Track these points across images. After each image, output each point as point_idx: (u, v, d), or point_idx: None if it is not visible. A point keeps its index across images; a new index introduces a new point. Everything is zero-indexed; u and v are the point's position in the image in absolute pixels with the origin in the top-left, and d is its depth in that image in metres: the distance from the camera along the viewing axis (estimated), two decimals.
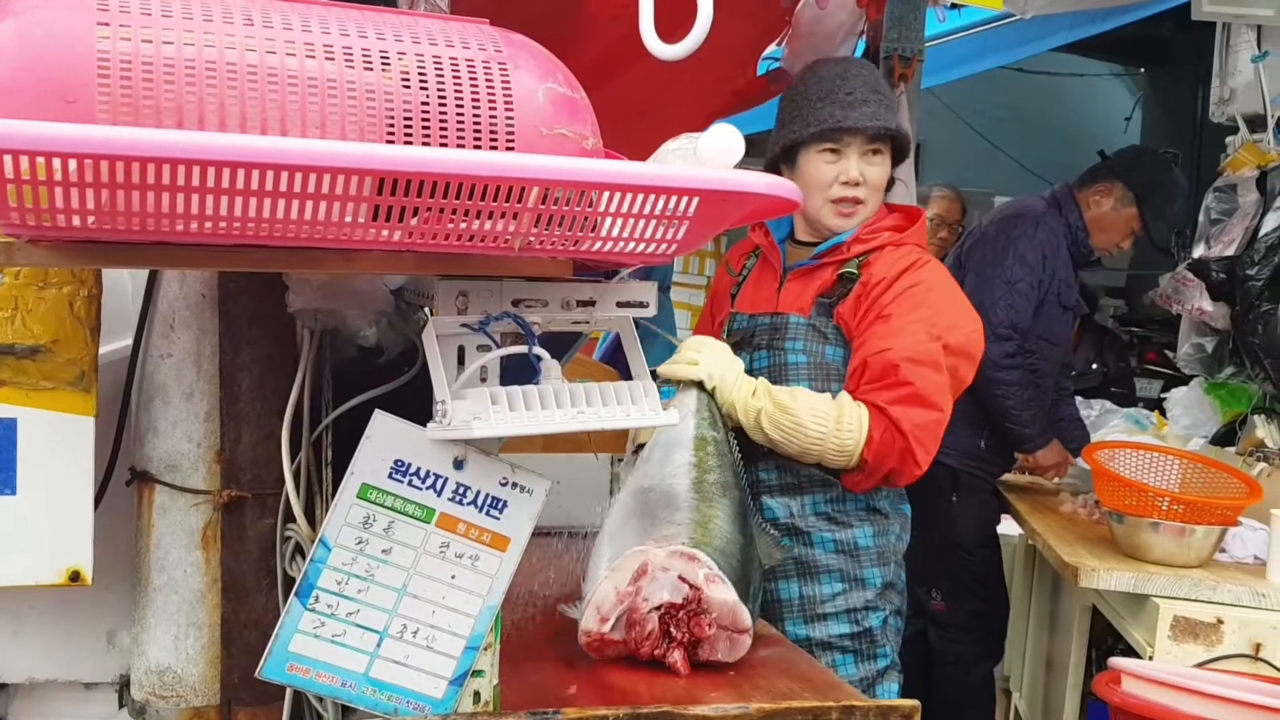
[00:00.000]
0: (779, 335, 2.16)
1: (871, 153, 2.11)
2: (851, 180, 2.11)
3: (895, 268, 2.07)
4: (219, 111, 0.93)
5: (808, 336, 2.13)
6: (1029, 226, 3.33)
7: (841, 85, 2.14)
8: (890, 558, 2.12)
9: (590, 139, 1.12)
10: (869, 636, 2.09)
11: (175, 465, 1.50)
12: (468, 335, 1.27)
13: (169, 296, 1.51)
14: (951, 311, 2.06)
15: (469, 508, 1.27)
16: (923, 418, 1.93)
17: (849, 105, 2.10)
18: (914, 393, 1.93)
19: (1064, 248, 3.35)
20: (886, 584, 2.11)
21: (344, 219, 0.98)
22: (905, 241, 2.13)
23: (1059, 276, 3.31)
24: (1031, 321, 3.30)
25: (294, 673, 1.23)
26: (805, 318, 2.15)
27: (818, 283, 2.16)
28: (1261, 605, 2.30)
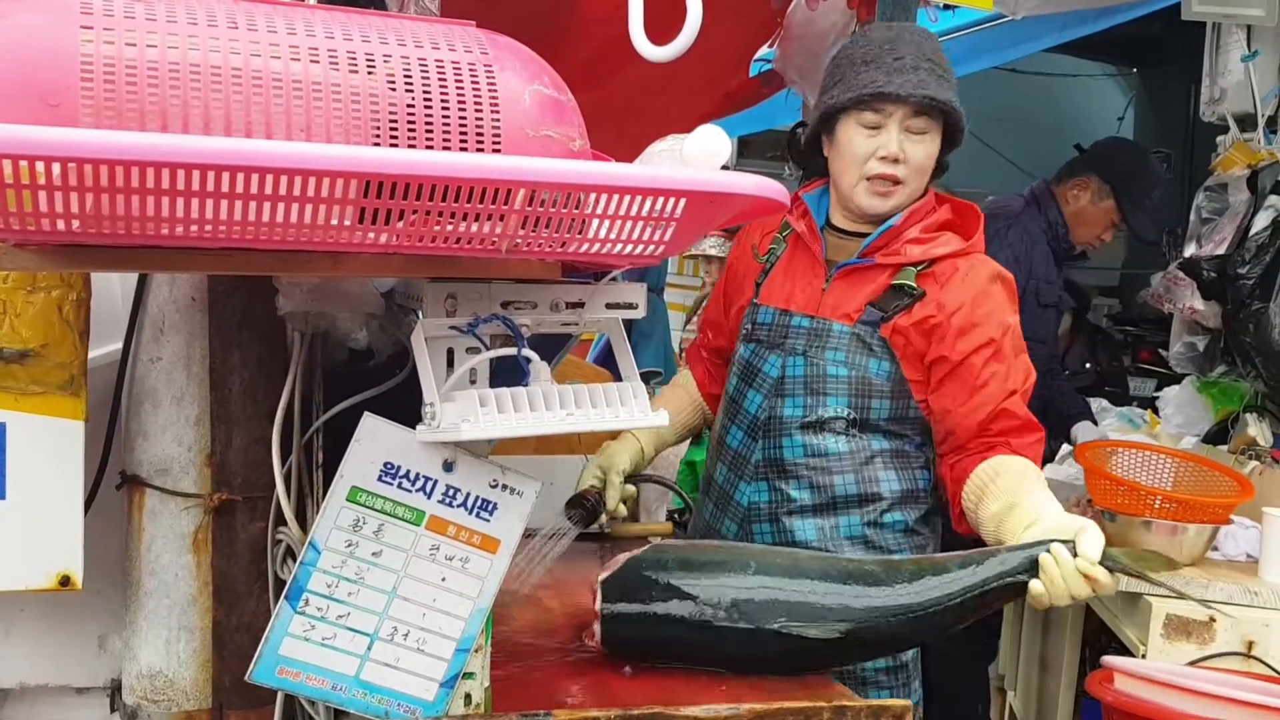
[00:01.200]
0: (819, 342, 1.97)
1: (917, 129, 1.89)
2: (890, 155, 1.89)
3: (975, 290, 1.92)
4: (203, 115, 0.93)
5: (851, 348, 1.95)
6: (1001, 227, 3.32)
7: (891, 50, 1.90)
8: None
9: (577, 140, 1.12)
10: (904, 672, 1.99)
11: (166, 469, 1.50)
12: (457, 337, 1.27)
13: (159, 300, 1.51)
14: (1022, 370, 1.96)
15: (459, 510, 1.27)
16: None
17: (894, 71, 1.87)
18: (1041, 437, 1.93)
19: (1042, 245, 3.34)
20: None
21: (330, 222, 0.98)
22: (971, 250, 1.96)
23: (1037, 275, 3.29)
24: None
25: (284, 676, 1.23)
26: (850, 326, 1.95)
27: (869, 287, 1.96)
28: (1254, 603, 2.30)
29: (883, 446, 1.99)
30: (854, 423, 1.97)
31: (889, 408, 1.97)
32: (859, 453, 1.98)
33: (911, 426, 2.01)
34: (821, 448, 1.98)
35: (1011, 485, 1.80)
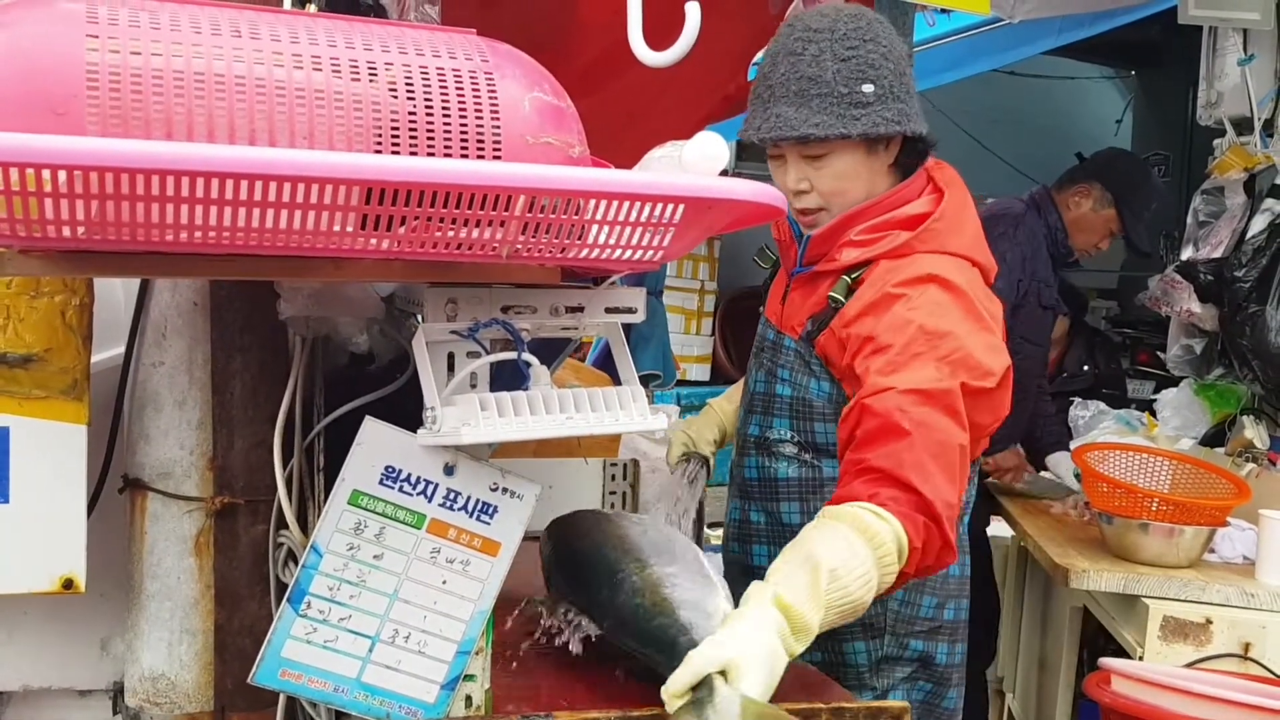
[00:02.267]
0: (776, 357, 1.88)
1: (812, 157, 1.73)
2: (791, 191, 1.76)
3: (882, 292, 1.67)
4: (207, 122, 0.95)
5: (795, 365, 1.83)
6: (1009, 227, 3.34)
7: (766, 77, 1.75)
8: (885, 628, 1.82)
9: (577, 147, 1.13)
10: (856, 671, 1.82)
11: (168, 472, 1.51)
12: (457, 342, 1.28)
13: (161, 305, 1.52)
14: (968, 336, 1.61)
15: (460, 513, 1.28)
16: (952, 494, 1.48)
17: (763, 107, 1.74)
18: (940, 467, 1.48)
19: (1043, 248, 3.37)
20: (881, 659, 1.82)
21: (332, 228, 0.99)
22: (911, 250, 1.70)
23: (1038, 277, 3.32)
24: (1010, 321, 3.30)
25: (286, 678, 1.24)
26: (796, 342, 1.83)
27: (813, 300, 1.81)
28: (1250, 605, 2.32)
29: (835, 474, 1.66)
30: (804, 446, 1.82)
31: (835, 432, 1.71)
32: (809, 480, 1.83)
33: None
34: (771, 471, 1.87)
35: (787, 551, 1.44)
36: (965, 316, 1.65)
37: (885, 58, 1.72)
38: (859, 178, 1.75)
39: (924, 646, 1.83)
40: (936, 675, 1.85)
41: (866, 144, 1.73)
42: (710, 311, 8.11)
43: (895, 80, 1.72)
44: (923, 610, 1.83)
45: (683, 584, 1.43)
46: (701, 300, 8.05)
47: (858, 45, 1.71)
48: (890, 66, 1.72)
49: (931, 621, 1.83)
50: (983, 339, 1.64)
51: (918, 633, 1.83)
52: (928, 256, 1.70)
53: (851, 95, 1.69)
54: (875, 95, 1.70)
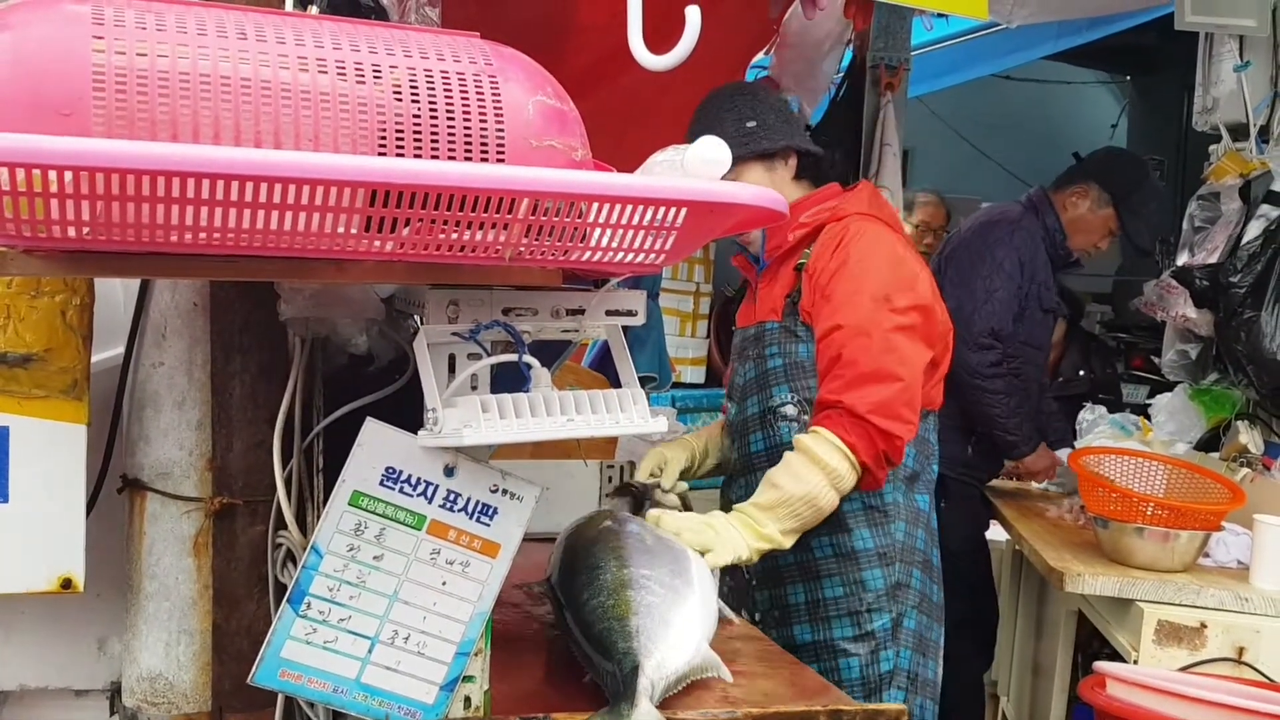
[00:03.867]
0: (760, 343, 2.19)
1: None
2: None
3: (829, 247, 2.06)
4: (213, 124, 0.95)
5: (782, 339, 2.15)
6: (1006, 233, 3.35)
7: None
8: (895, 557, 2.09)
9: (579, 150, 1.14)
10: (871, 640, 2.06)
11: (167, 473, 1.51)
12: (458, 344, 1.29)
13: (161, 305, 1.52)
14: (893, 273, 2.02)
15: (460, 514, 1.28)
16: (879, 394, 1.89)
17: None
18: (861, 373, 1.91)
19: (1042, 251, 3.37)
20: (894, 585, 2.08)
21: (335, 230, 0.99)
22: (844, 213, 2.11)
23: (1038, 280, 3.32)
24: (1014, 328, 3.31)
25: (286, 679, 1.24)
26: (779, 321, 2.16)
27: (782, 283, 2.17)
28: (1245, 609, 2.32)
29: None
30: (803, 407, 2.10)
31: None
32: None
33: None
34: (777, 438, 2.13)
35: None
36: (890, 258, 2.04)
37: (761, 103, 2.21)
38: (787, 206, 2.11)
39: (921, 578, 2.13)
40: (929, 608, 2.14)
41: (763, 162, 2.16)
42: (705, 314, 8.10)
43: (772, 116, 2.20)
44: (919, 543, 2.14)
45: (654, 588, 1.48)
46: (697, 303, 8.05)
47: (735, 98, 2.23)
48: (766, 109, 2.20)
49: (924, 554, 2.14)
50: (904, 273, 2.03)
51: (917, 563, 2.12)
52: (857, 216, 2.11)
53: (738, 130, 2.15)
54: (758, 126, 2.16)
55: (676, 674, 1.37)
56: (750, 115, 2.17)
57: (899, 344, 1.94)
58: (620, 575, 1.51)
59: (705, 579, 1.59)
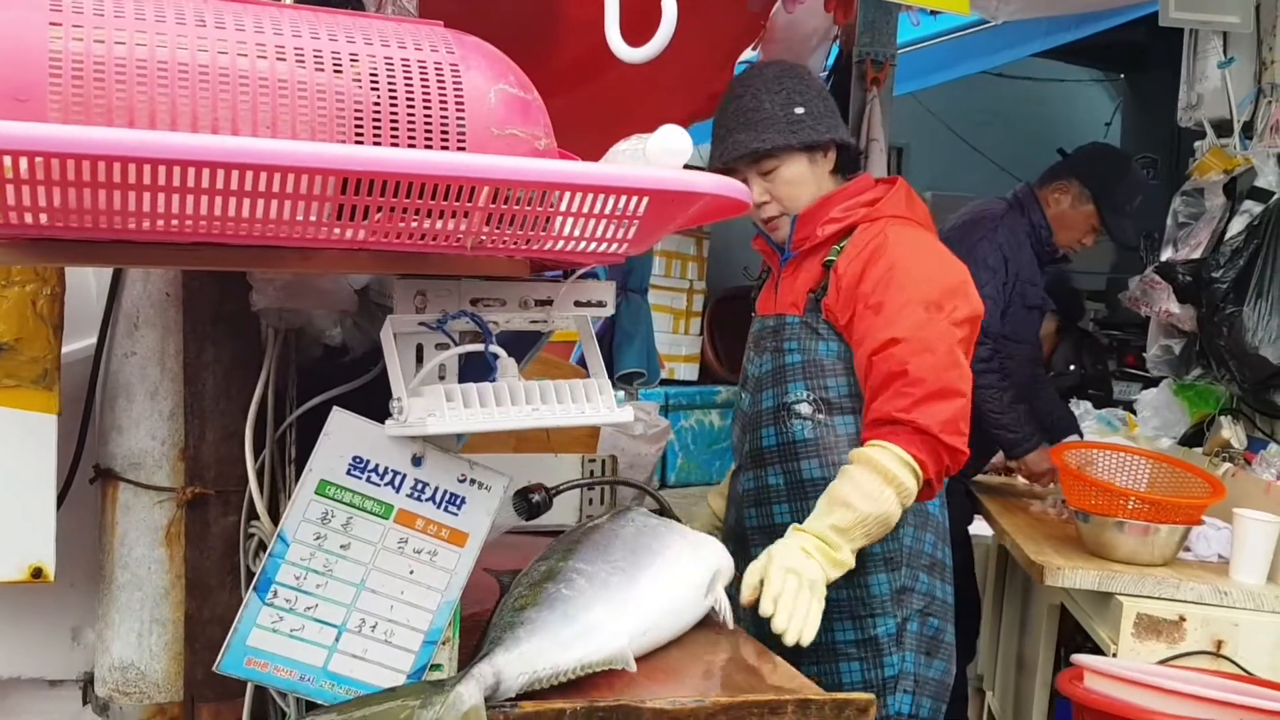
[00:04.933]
0: (779, 336, 2.15)
1: (765, 171, 2.08)
2: (756, 204, 2.10)
3: (864, 251, 2.01)
4: (170, 111, 0.95)
5: (802, 335, 2.11)
6: (989, 229, 3.34)
7: (719, 118, 2.15)
8: (901, 562, 2.05)
9: (543, 139, 1.14)
10: (874, 645, 2.03)
11: (139, 463, 1.51)
12: (426, 334, 1.29)
13: (133, 295, 1.52)
14: (945, 281, 1.98)
15: (427, 504, 1.29)
16: (947, 411, 1.87)
17: (721, 141, 2.11)
18: (930, 391, 1.87)
19: (1027, 247, 3.36)
20: (899, 589, 2.05)
21: (295, 217, 0.99)
22: (879, 215, 2.06)
23: (1022, 277, 3.31)
24: (999, 324, 3.30)
25: (252, 667, 1.24)
26: (800, 315, 2.12)
27: (806, 277, 2.12)
28: (1223, 603, 2.33)
29: (850, 431, 2.05)
30: (818, 406, 2.07)
31: (846, 385, 2.05)
32: (825, 438, 2.06)
33: None
34: (790, 434, 2.10)
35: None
36: (940, 263, 2.02)
37: (809, 88, 2.12)
38: (807, 182, 2.10)
39: (928, 580, 2.10)
40: (938, 609, 2.11)
41: (808, 153, 2.09)
42: (699, 311, 8.11)
43: (820, 103, 2.11)
44: (926, 546, 2.10)
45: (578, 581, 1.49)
46: (690, 300, 8.05)
47: (784, 80, 2.11)
48: (813, 94, 2.12)
49: (931, 556, 2.11)
50: (956, 280, 2.00)
51: (923, 566, 2.09)
52: (894, 220, 2.06)
53: (787, 116, 2.07)
54: (806, 114, 2.08)
55: (554, 669, 1.35)
56: (799, 101, 2.09)
57: (961, 359, 1.92)
58: (553, 567, 1.52)
59: (670, 579, 1.58)
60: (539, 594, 1.46)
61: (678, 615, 1.59)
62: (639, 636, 1.48)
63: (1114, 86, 9.72)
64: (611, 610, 1.47)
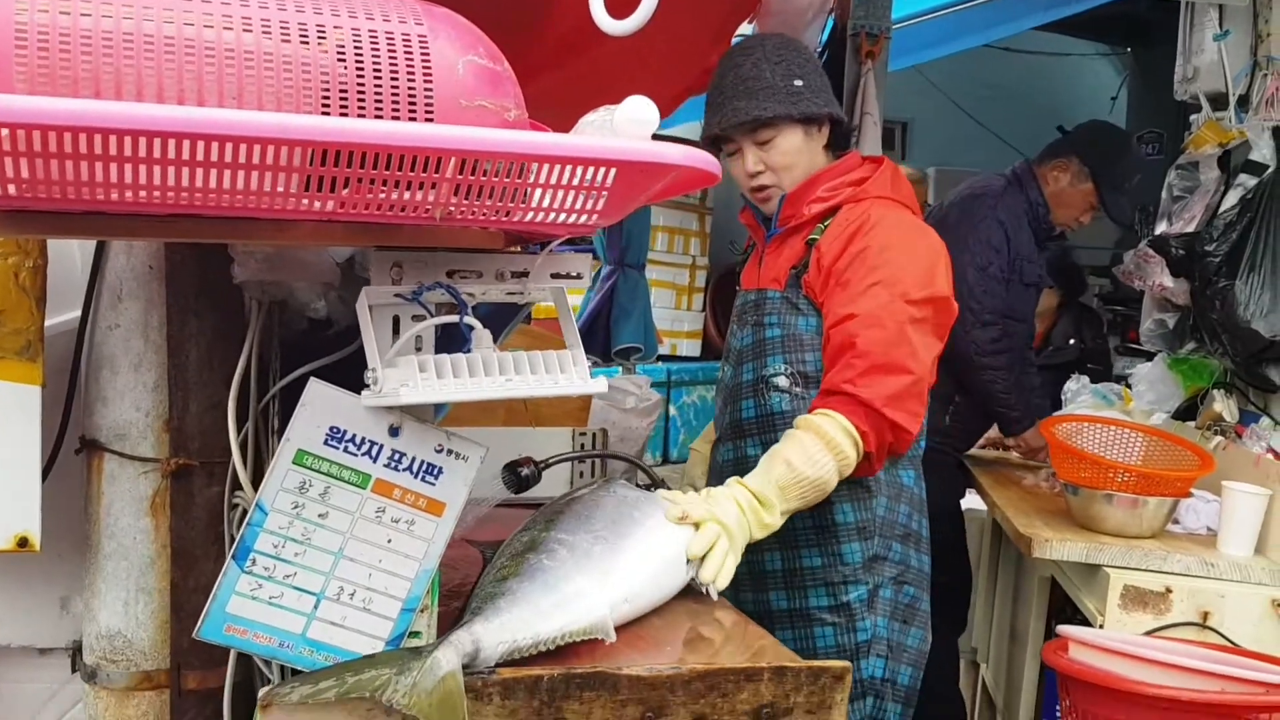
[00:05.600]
0: (760, 311, 2.17)
1: (762, 141, 2.09)
2: (750, 173, 2.12)
3: (846, 231, 2.03)
4: (136, 83, 0.96)
5: (782, 310, 2.12)
6: (989, 206, 3.33)
7: (717, 85, 2.16)
8: (875, 531, 2.07)
9: (513, 111, 1.14)
10: (847, 610, 2.06)
11: (124, 434, 1.53)
12: (402, 305, 1.30)
13: (116, 268, 1.54)
14: (912, 265, 1.98)
15: (405, 474, 1.30)
16: (892, 386, 1.88)
17: (718, 108, 2.11)
18: (875, 364, 1.88)
19: (1025, 225, 3.35)
20: (871, 558, 2.07)
21: (263, 188, 1.00)
22: (864, 196, 2.08)
23: (1021, 254, 3.31)
24: (999, 301, 3.30)
25: (231, 633, 1.26)
26: (780, 291, 2.13)
27: (789, 253, 2.13)
28: (1210, 575, 2.34)
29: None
30: (796, 379, 2.09)
31: (821, 361, 2.06)
32: (801, 411, 2.04)
33: None
34: (769, 407, 2.13)
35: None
36: (909, 248, 2.00)
37: (807, 61, 2.15)
38: (802, 154, 2.11)
39: (902, 549, 2.12)
40: (913, 577, 2.14)
41: (804, 126, 2.10)
42: (701, 287, 8.08)
43: (817, 78, 2.13)
44: (900, 517, 2.12)
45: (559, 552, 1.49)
46: (693, 276, 8.02)
47: (784, 52, 2.13)
48: (811, 69, 2.14)
49: (906, 527, 2.13)
50: (922, 265, 1.99)
51: (896, 536, 2.12)
52: (879, 201, 2.07)
53: (787, 87, 2.08)
54: (805, 87, 2.09)
55: (534, 638, 1.35)
56: (799, 73, 2.10)
57: (911, 337, 1.92)
58: (535, 538, 1.53)
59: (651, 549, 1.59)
60: (520, 564, 1.47)
61: (659, 585, 1.60)
62: (620, 605, 1.49)
63: (1120, 60, 9.64)
64: (592, 580, 1.48)
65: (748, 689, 1.38)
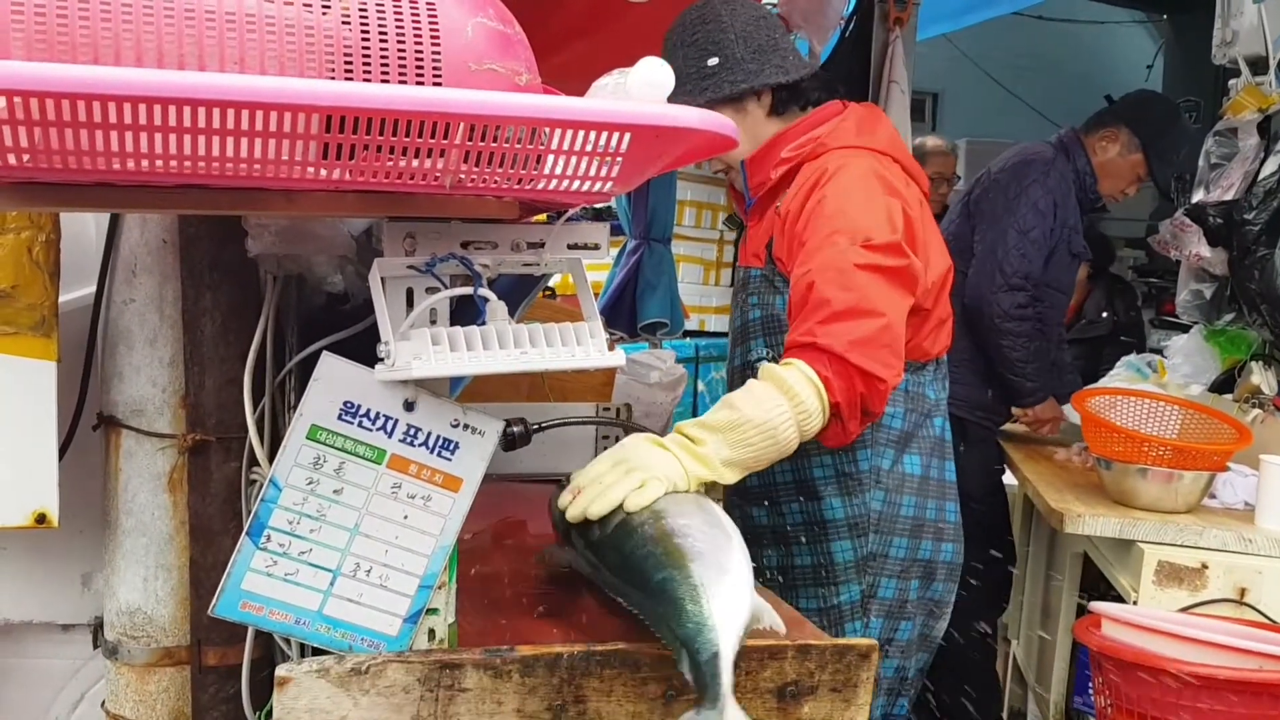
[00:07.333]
0: (745, 291, 2.08)
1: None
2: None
3: (804, 189, 1.88)
4: (136, 48, 0.93)
5: (762, 290, 2.02)
6: (1040, 172, 3.28)
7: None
8: (868, 528, 1.96)
9: (524, 75, 1.11)
10: (835, 613, 1.97)
11: (140, 410, 1.52)
12: (415, 277, 1.27)
13: (130, 243, 1.53)
14: (872, 210, 1.80)
15: (420, 449, 1.28)
16: (859, 330, 1.66)
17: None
18: (835, 311, 1.68)
19: (1072, 194, 3.31)
20: (866, 556, 1.96)
21: (267, 156, 0.98)
22: (824, 149, 1.92)
23: (1069, 224, 3.26)
24: (1043, 271, 3.25)
25: (247, 610, 1.24)
26: (760, 269, 2.03)
27: (764, 225, 2.02)
28: (1248, 550, 2.29)
29: None
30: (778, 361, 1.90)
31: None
32: None
33: None
34: None
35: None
36: (867, 196, 1.84)
37: (724, 32, 1.97)
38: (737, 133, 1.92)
39: (908, 544, 2.00)
40: (920, 570, 2.02)
41: (730, 105, 1.96)
42: (729, 262, 8.02)
43: (739, 47, 1.97)
44: (903, 509, 1.99)
45: (696, 535, 1.39)
46: (721, 251, 7.95)
47: (697, 29, 1.99)
48: (730, 38, 1.97)
49: (913, 519, 2.00)
50: (881, 213, 1.81)
51: (900, 530, 1.99)
52: (838, 151, 1.92)
53: (699, 72, 1.96)
54: (720, 65, 1.95)
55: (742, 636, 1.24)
56: (712, 50, 1.95)
57: (875, 283, 1.73)
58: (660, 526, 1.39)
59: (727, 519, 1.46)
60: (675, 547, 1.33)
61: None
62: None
63: (1156, 28, 9.46)
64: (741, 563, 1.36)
65: (771, 667, 1.35)
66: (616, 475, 1.45)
